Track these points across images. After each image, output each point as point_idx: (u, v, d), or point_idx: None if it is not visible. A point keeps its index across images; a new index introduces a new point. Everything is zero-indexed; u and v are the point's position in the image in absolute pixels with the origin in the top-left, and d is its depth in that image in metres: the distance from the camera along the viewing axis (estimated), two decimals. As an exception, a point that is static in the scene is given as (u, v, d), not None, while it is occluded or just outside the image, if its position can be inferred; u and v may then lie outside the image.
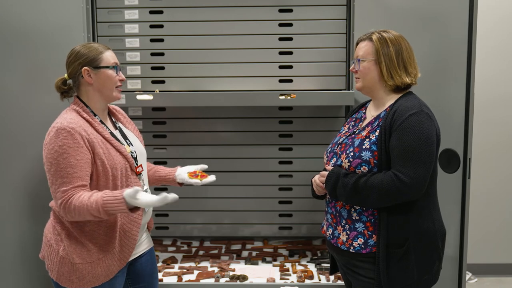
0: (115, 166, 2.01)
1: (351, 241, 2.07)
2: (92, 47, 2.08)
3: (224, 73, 2.89)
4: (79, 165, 1.92)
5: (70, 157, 1.91)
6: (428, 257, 2.06)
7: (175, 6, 2.89)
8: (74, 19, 2.74)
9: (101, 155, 1.97)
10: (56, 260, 2.03)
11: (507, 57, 4.00)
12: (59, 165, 1.91)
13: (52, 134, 1.95)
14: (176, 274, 2.67)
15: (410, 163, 1.94)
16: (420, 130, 1.95)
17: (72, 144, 1.92)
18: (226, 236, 3.14)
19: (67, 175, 1.91)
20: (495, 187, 4.08)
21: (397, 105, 2.04)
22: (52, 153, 1.92)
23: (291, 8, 2.88)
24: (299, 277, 2.59)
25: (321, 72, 2.91)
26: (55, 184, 1.93)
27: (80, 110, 2.03)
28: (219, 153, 3.04)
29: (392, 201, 1.98)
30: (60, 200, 1.92)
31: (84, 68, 2.04)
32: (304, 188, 3.05)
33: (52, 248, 2.05)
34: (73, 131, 1.93)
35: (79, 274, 2.01)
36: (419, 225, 2.03)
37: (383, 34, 2.10)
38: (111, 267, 2.06)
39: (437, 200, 2.13)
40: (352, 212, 2.07)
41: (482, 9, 2.93)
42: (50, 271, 2.07)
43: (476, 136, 3.74)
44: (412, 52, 2.10)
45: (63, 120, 1.98)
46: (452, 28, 2.68)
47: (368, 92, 2.16)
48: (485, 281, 4.07)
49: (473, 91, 2.71)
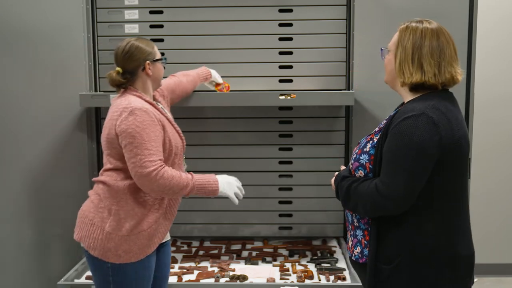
0: (178, 145, 2.22)
1: (353, 248, 1.96)
2: (148, 43, 2.25)
3: (224, 73, 2.89)
4: (158, 140, 2.09)
5: (151, 133, 2.06)
6: (434, 282, 1.79)
7: (175, 6, 2.89)
8: (74, 19, 2.74)
9: (169, 134, 2.17)
10: (102, 237, 2.10)
11: (507, 57, 4.00)
12: (143, 138, 2.04)
13: (126, 114, 2.06)
14: (176, 274, 2.66)
15: (390, 171, 1.74)
16: (410, 136, 1.71)
17: (150, 122, 2.07)
18: (226, 236, 3.14)
19: (152, 147, 2.06)
20: (495, 187, 4.07)
21: (404, 106, 1.82)
22: (133, 127, 2.04)
23: (291, 8, 2.88)
24: (299, 277, 2.59)
25: (321, 72, 2.91)
26: (140, 154, 2.04)
27: (142, 96, 2.18)
28: (219, 153, 3.04)
29: (374, 212, 1.80)
30: (151, 168, 2.03)
31: (147, 62, 2.20)
32: (304, 188, 3.05)
33: (95, 226, 2.12)
34: (148, 111, 2.09)
35: (126, 247, 2.10)
36: (416, 243, 1.78)
37: (414, 24, 1.83)
38: (153, 237, 2.17)
39: (458, 219, 1.83)
40: (354, 217, 1.95)
41: (482, 9, 2.93)
42: (93, 249, 2.12)
43: (476, 136, 3.74)
44: (441, 50, 1.80)
45: (134, 102, 2.10)
46: (452, 28, 2.65)
47: (392, 87, 1.94)
48: (485, 281, 4.07)
49: (473, 91, 2.71)
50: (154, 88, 2.32)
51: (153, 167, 2.05)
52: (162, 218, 2.21)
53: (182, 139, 2.30)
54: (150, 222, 2.16)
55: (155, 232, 2.19)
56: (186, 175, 2.15)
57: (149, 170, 2.04)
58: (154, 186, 2.07)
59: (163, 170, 2.07)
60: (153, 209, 2.17)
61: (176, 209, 2.30)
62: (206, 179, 2.19)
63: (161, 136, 2.13)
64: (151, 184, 2.06)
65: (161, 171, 2.06)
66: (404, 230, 1.79)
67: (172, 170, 2.12)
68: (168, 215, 2.25)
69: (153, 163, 2.05)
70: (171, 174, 2.09)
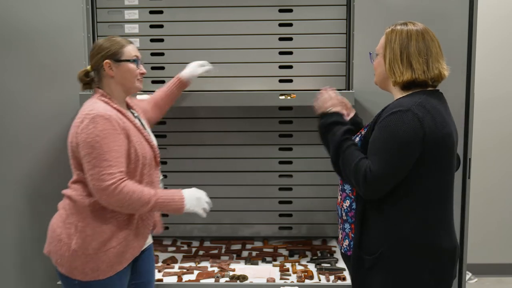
0: (145, 155, 2.07)
1: (342, 241, 2.05)
2: (114, 41, 2.13)
3: (224, 73, 2.89)
4: (120, 151, 1.96)
5: (112, 143, 1.94)
6: (414, 274, 1.87)
7: (175, 6, 2.89)
8: (74, 19, 2.74)
9: (135, 143, 2.03)
10: (68, 254, 2.02)
11: (507, 57, 4.01)
12: (102, 149, 1.92)
13: (87, 120, 1.96)
14: (176, 274, 2.66)
15: (377, 161, 1.81)
16: (395, 130, 1.79)
17: (112, 130, 1.95)
18: (226, 236, 3.14)
19: (112, 158, 1.93)
20: (495, 187, 4.08)
21: (392, 103, 1.92)
22: (93, 137, 1.93)
23: (291, 8, 2.88)
24: (299, 277, 2.59)
25: (321, 72, 2.91)
26: (98, 167, 1.92)
27: (109, 101, 2.07)
28: (219, 153, 3.03)
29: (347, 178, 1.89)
30: (109, 182, 1.92)
31: (106, 61, 2.08)
32: (304, 188, 3.05)
33: (62, 243, 2.04)
34: (111, 118, 1.97)
35: (93, 265, 2.01)
36: (399, 235, 1.86)
37: (399, 26, 1.94)
38: (124, 254, 2.07)
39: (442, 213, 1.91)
40: (342, 211, 2.02)
41: (482, 9, 2.93)
42: (60, 266, 2.06)
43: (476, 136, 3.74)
44: (428, 49, 1.90)
45: (97, 107, 1.99)
46: (452, 28, 2.68)
47: (383, 88, 2.05)
48: (485, 281, 4.07)
49: (473, 91, 2.71)
50: (126, 93, 2.17)
51: (111, 180, 1.92)
52: (132, 235, 2.09)
53: (153, 148, 2.15)
54: (120, 239, 2.05)
55: (126, 249, 2.07)
56: (149, 191, 2.00)
57: (107, 183, 1.92)
58: (112, 201, 1.95)
59: (122, 184, 1.94)
60: (122, 226, 2.05)
61: (151, 224, 2.17)
62: (170, 196, 2.04)
63: (125, 146, 1.99)
64: (109, 199, 1.95)
65: (121, 185, 1.93)
66: (386, 222, 1.87)
67: (134, 184, 1.98)
68: (140, 231, 2.12)
69: (111, 176, 1.92)
70: (132, 188, 1.95)
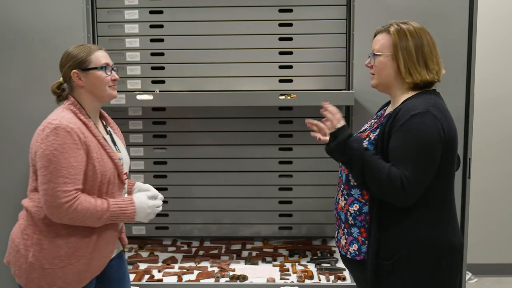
0: (105, 172, 1.96)
1: (348, 246, 1.99)
2: (81, 48, 2.01)
3: (224, 73, 2.89)
4: (78, 167, 1.88)
5: (70, 158, 1.86)
6: (433, 272, 1.85)
7: (175, 6, 2.89)
8: (74, 19, 2.74)
9: (94, 159, 1.92)
10: (25, 266, 1.94)
11: (507, 57, 4.00)
12: (60, 164, 1.84)
13: (49, 130, 1.88)
14: (176, 274, 2.66)
15: (411, 168, 1.78)
16: (420, 133, 1.78)
17: (72, 145, 1.87)
18: (226, 236, 3.14)
19: (69, 175, 1.85)
20: (495, 187, 4.07)
21: (404, 104, 1.88)
22: (51, 150, 1.85)
23: (291, 8, 2.88)
24: (299, 277, 2.59)
25: (321, 72, 2.91)
26: (53, 182, 1.84)
27: (77, 111, 1.97)
28: (219, 153, 3.04)
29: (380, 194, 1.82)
30: (63, 200, 1.84)
31: (74, 71, 1.98)
32: (304, 188, 3.05)
33: (20, 254, 1.96)
34: (72, 132, 1.88)
35: (49, 280, 1.93)
36: (415, 237, 1.85)
37: (402, 25, 1.91)
38: (84, 273, 1.97)
39: (449, 210, 1.92)
40: (348, 216, 1.98)
41: (482, 9, 2.93)
42: (18, 277, 1.99)
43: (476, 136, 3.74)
44: (434, 46, 1.92)
45: (61, 118, 1.91)
46: (452, 28, 2.68)
47: (384, 90, 1.99)
48: (485, 281, 4.06)
49: (473, 91, 2.71)
50: (99, 101, 2.05)
51: (66, 198, 1.84)
52: (91, 253, 1.97)
53: (117, 166, 2.00)
54: (77, 257, 1.94)
55: (86, 268, 1.96)
56: (102, 204, 1.91)
57: (61, 201, 1.83)
58: (64, 218, 1.87)
59: (77, 202, 1.85)
60: (79, 243, 1.94)
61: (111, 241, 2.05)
62: (122, 211, 1.94)
63: (84, 162, 1.89)
64: (61, 216, 1.87)
65: (75, 203, 1.85)
66: (405, 225, 1.85)
67: (87, 200, 1.88)
68: (100, 248, 2.00)
69: (66, 194, 1.84)
70: (86, 206, 1.87)
